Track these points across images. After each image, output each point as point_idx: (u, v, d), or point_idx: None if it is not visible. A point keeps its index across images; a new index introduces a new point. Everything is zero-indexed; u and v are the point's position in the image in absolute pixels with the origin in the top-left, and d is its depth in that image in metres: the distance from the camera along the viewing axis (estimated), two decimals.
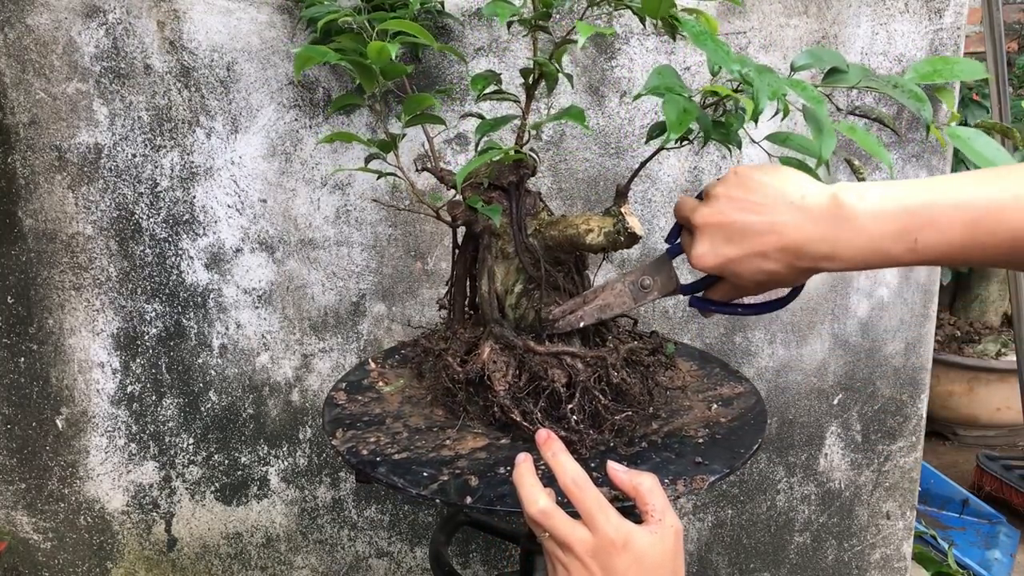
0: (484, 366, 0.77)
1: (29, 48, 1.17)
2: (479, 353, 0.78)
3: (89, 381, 1.31)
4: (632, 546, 0.60)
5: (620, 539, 0.60)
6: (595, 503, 0.61)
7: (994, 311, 2.63)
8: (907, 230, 0.58)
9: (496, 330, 0.79)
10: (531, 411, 0.75)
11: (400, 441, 0.78)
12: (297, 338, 1.30)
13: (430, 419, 0.82)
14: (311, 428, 1.35)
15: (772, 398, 1.40)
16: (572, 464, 0.64)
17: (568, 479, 0.62)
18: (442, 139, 1.23)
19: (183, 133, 1.21)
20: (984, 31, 1.62)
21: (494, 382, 0.76)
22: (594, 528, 0.60)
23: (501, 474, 0.72)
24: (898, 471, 1.48)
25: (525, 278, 0.80)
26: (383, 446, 0.77)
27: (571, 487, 0.62)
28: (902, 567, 1.54)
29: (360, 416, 0.84)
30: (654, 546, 0.60)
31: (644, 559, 0.60)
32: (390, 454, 0.75)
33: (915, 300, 1.40)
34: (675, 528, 0.62)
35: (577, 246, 0.77)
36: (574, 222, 0.77)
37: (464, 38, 1.19)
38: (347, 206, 1.25)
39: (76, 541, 1.38)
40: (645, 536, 0.60)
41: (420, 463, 0.74)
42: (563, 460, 0.64)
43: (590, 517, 0.60)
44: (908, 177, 1.33)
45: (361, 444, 0.77)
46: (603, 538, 0.60)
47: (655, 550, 0.60)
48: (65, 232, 1.24)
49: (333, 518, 1.39)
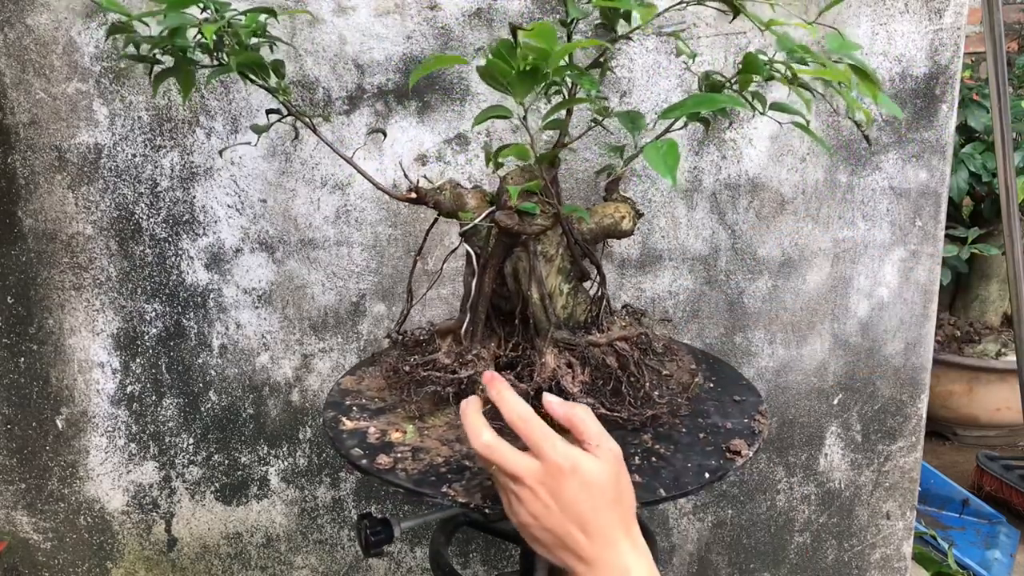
0: (554, 373, 0.77)
1: (29, 48, 1.17)
2: (543, 363, 0.77)
3: (89, 381, 1.31)
4: (579, 471, 0.62)
5: (568, 465, 0.62)
6: (540, 434, 0.63)
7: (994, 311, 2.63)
8: None
9: (557, 334, 0.79)
10: (604, 402, 0.77)
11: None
12: (297, 338, 1.30)
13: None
14: (311, 428, 1.35)
15: (772, 398, 1.40)
16: (516, 400, 0.66)
17: (514, 414, 0.65)
18: (442, 139, 1.23)
19: (183, 133, 1.21)
20: (984, 31, 1.62)
21: (567, 386, 0.76)
22: (541, 456, 0.62)
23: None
24: (898, 471, 1.48)
25: (566, 277, 0.80)
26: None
27: (516, 421, 0.65)
28: (902, 567, 1.54)
29: (425, 477, 0.73)
30: (600, 471, 0.63)
31: (591, 483, 0.62)
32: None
33: (915, 300, 1.40)
34: (614, 452, 0.64)
35: (612, 234, 0.80)
36: (606, 212, 0.80)
37: (464, 38, 1.19)
38: (347, 206, 1.25)
39: (76, 541, 1.38)
40: (590, 461, 0.63)
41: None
42: (507, 397, 0.66)
43: (537, 447, 0.63)
44: (908, 175, 1.33)
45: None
46: (551, 465, 0.62)
47: (601, 474, 0.63)
48: (65, 232, 1.24)
49: (333, 518, 1.39)
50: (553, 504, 0.62)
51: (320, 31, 1.18)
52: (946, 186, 1.35)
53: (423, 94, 1.21)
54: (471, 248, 0.82)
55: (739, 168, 1.29)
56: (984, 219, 2.47)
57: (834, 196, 1.32)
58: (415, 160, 1.24)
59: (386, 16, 1.18)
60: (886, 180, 1.33)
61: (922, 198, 1.34)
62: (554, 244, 0.80)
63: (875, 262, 1.37)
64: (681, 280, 1.32)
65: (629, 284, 1.31)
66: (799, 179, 1.30)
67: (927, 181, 1.34)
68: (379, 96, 1.21)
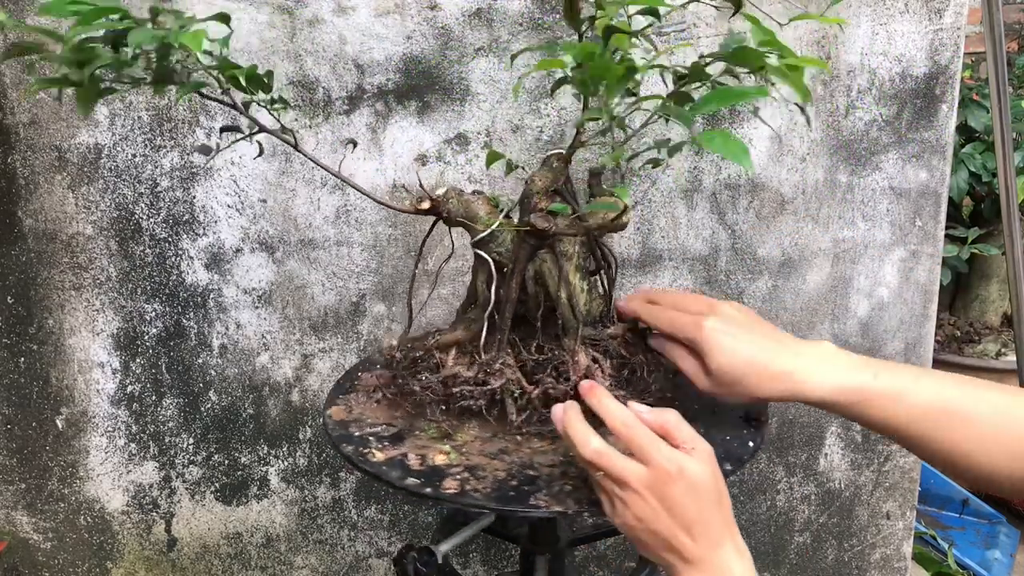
0: (587, 371, 0.78)
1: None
2: (576, 362, 0.78)
3: (89, 381, 1.31)
4: (685, 473, 0.64)
5: (674, 468, 0.64)
6: (646, 439, 0.65)
7: (994, 311, 2.62)
8: (871, 366, 0.72)
9: (585, 332, 0.80)
10: (625, 394, 0.78)
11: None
12: (297, 338, 1.30)
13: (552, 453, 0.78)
14: (311, 428, 1.35)
15: None
16: (618, 407, 0.68)
17: (618, 421, 0.67)
18: (442, 139, 1.23)
19: (183, 133, 1.21)
20: (984, 31, 1.62)
21: (600, 381, 0.77)
22: (648, 461, 0.64)
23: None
24: (898, 471, 1.48)
25: (582, 274, 0.81)
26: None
27: (621, 428, 0.66)
28: (902, 567, 1.54)
29: (503, 494, 0.72)
30: (703, 472, 0.65)
31: (697, 484, 0.64)
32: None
33: (915, 300, 1.40)
34: (709, 452, 0.66)
35: (614, 228, 0.80)
36: (597, 210, 0.80)
37: (464, 38, 1.19)
38: (347, 206, 1.25)
39: (76, 541, 1.38)
40: (694, 463, 0.64)
41: None
42: (608, 404, 0.68)
43: (643, 452, 0.64)
44: (908, 175, 1.33)
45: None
46: (658, 469, 0.64)
47: (704, 475, 0.65)
48: (65, 232, 1.24)
49: (333, 518, 1.39)
50: (660, 507, 0.64)
51: (320, 31, 1.18)
52: (946, 186, 1.35)
53: (423, 94, 1.21)
54: (487, 255, 0.80)
55: (739, 168, 1.29)
56: (984, 219, 2.47)
57: (834, 196, 1.32)
58: (415, 160, 1.24)
59: (386, 16, 1.18)
60: (886, 180, 1.33)
61: (922, 198, 1.34)
62: (571, 242, 0.80)
63: (875, 262, 1.37)
64: (681, 280, 1.32)
65: (629, 284, 1.31)
66: (799, 179, 1.30)
67: (927, 181, 1.34)
68: (379, 96, 1.21)
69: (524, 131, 1.24)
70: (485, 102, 1.21)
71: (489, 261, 0.81)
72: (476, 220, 0.80)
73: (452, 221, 0.81)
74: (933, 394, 0.70)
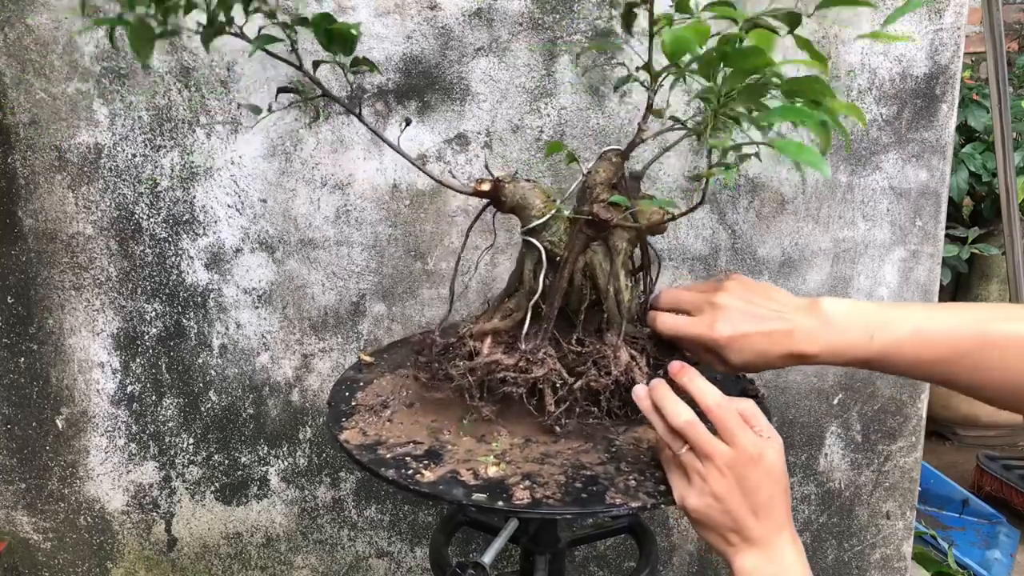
0: (628, 367, 0.79)
1: (29, 48, 1.17)
2: (618, 358, 0.79)
3: (89, 381, 1.31)
4: (764, 460, 0.67)
5: (756, 453, 0.67)
6: (735, 421, 0.68)
7: None
8: (868, 328, 0.74)
9: (629, 329, 0.81)
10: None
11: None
12: (297, 338, 1.30)
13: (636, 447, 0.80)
14: (311, 428, 1.35)
15: (772, 398, 1.40)
16: (711, 387, 0.71)
17: (711, 401, 0.70)
18: (442, 139, 1.23)
19: (183, 133, 1.21)
20: (984, 31, 1.62)
21: (638, 378, 0.79)
22: (733, 443, 0.67)
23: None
24: (898, 471, 1.48)
25: (627, 272, 0.82)
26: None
27: (713, 408, 0.69)
28: (902, 567, 1.54)
29: (576, 497, 0.73)
30: (778, 460, 0.68)
31: (773, 471, 0.68)
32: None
33: (915, 300, 1.40)
34: (781, 443, 0.70)
35: (657, 230, 0.82)
36: (646, 209, 0.82)
37: (464, 38, 1.19)
38: (347, 206, 1.25)
39: (76, 541, 1.38)
40: (773, 451, 0.68)
41: None
42: (700, 384, 0.71)
43: (731, 434, 0.68)
44: (908, 175, 1.33)
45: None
46: (742, 452, 0.67)
47: (778, 463, 0.68)
48: (65, 232, 1.24)
49: (333, 518, 1.39)
50: (736, 487, 0.67)
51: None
52: (946, 186, 1.35)
53: (423, 94, 1.21)
54: (540, 244, 0.81)
55: (738, 168, 1.29)
56: (984, 219, 2.47)
57: (834, 196, 1.32)
58: (415, 160, 1.24)
59: (386, 16, 1.18)
60: (886, 180, 1.33)
61: (922, 198, 1.34)
62: (622, 238, 0.81)
63: (875, 262, 1.37)
64: (681, 280, 1.32)
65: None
66: (799, 179, 1.30)
67: (927, 181, 1.33)
68: (379, 96, 1.21)
69: (524, 131, 1.23)
70: (485, 102, 1.21)
71: (541, 249, 0.80)
72: (531, 208, 0.81)
73: (506, 207, 0.82)
74: (934, 339, 0.72)
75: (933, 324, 0.73)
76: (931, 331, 0.72)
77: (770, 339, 0.75)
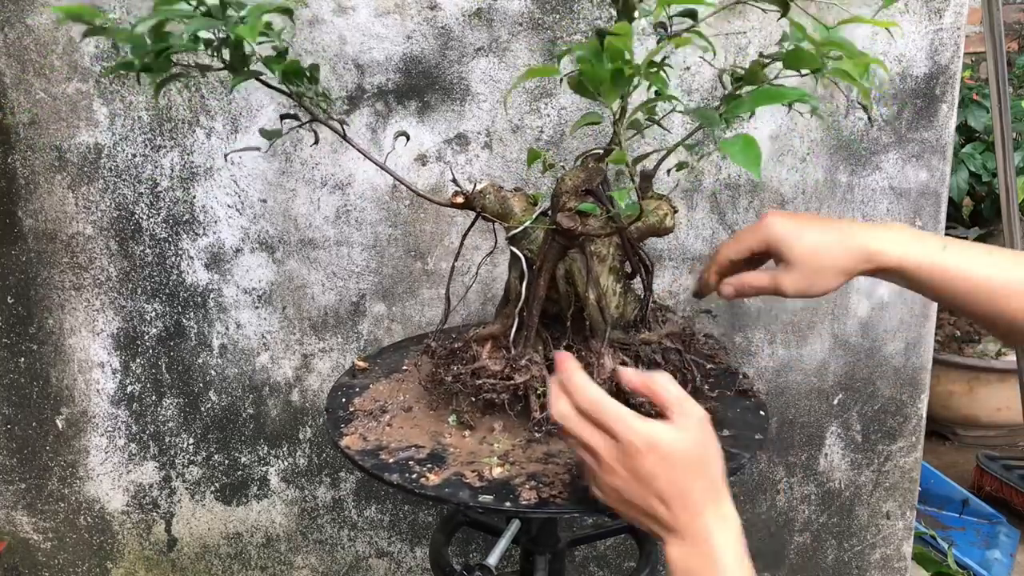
0: (612, 374, 0.77)
1: (29, 48, 1.17)
2: (601, 364, 0.77)
3: (89, 381, 1.31)
4: (658, 447, 0.61)
5: (642, 443, 0.61)
6: (612, 415, 0.62)
7: None
8: (941, 240, 0.76)
9: (614, 335, 0.79)
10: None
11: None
12: (297, 338, 1.30)
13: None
14: (311, 428, 1.35)
15: (772, 398, 1.40)
16: (585, 383, 0.65)
17: (583, 400, 0.64)
18: (442, 139, 1.23)
19: (183, 133, 1.21)
20: (984, 31, 1.62)
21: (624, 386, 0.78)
22: (616, 437, 0.62)
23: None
24: (898, 471, 1.48)
25: (616, 277, 0.81)
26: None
27: (587, 406, 0.64)
28: (902, 567, 1.54)
29: (584, 496, 0.71)
30: (680, 440, 0.62)
31: (671, 456, 0.61)
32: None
33: (915, 300, 1.40)
34: (698, 416, 0.63)
35: (657, 232, 0.81)
36: (650, 210, 0.80)
37: (464, 38, 1.19)
38: (347, 206, 1.25)
39: (76, 541, 1.38)
40: (670, 433, 0.62)
41: None
42: (577, 380, 0.65)
43: (609, 429, 0.62)
44: (908, 176, 1.33)
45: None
46: (626, 445, 0.62)
47: (682, 444, 0.62)
48: (65, 232, 1.24)
49: (333, 518, 1.39)
50: (631, 479, 0.62)
51: (320, 31, 1.17)
52: (946, 186, 1.35)
53: (423, 94, 1.21)
54: (520, 252, 0.80)
55: (739, 168, 1.29)
56: (984, 219, 2.47)
57: (834, 196, 1.32)
58: (415, 160, 1.24)
59: (386, 16, 1.18)
60: (886, 180, 1.32)
61: (922, 198, 1.34)
62: (606, 244, 0.80)
63: None
64: (681, 280, 1.32)
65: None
66: (799, 179, 1.30)
67: (927, 181, 1.33)
68: (379, 96, 1.21)
69: (524, 131, 1.23)
70: (485, 102, 1.21)
71: (521, 257, 0.80)
72: (510, 216, 0.80)
73: (490, 216, 0.81)
74: (1006, 264, 0.74)
75: (1004, 255, 0.75)
76: (1002, 256, 0.75)
77: (843, 233, 0.75)
